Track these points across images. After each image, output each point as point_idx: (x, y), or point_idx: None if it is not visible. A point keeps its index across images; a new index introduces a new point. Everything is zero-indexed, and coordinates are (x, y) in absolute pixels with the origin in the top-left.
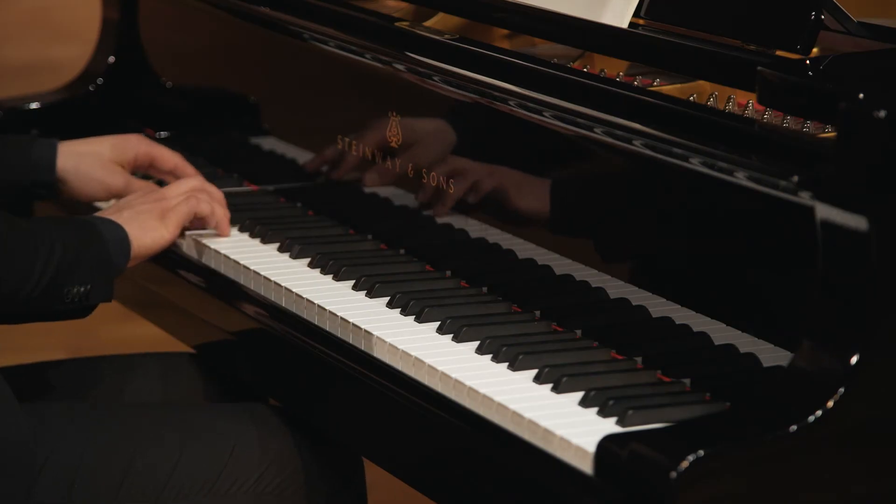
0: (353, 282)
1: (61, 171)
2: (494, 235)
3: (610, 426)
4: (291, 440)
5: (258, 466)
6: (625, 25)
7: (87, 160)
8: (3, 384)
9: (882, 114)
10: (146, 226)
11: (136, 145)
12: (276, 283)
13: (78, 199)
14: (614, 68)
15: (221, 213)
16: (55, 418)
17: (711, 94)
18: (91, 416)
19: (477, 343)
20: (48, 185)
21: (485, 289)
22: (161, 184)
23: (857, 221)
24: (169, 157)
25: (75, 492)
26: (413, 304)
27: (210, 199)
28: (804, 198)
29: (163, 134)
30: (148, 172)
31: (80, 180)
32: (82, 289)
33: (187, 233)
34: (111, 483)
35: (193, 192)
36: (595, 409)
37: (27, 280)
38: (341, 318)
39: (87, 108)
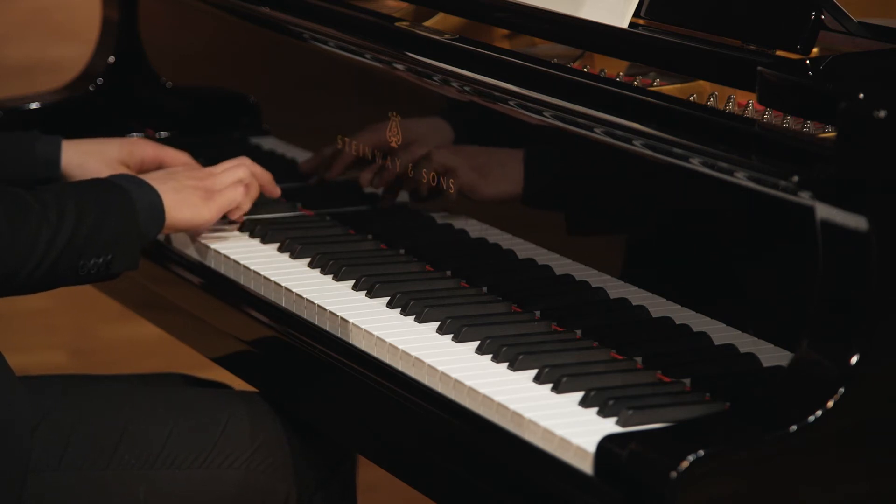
0: (353, 282)
1: (66, 167)
2: (494, 235)
3: (610, 426)
4: (281, 426)
5: (249, 445)
6: (625, 25)
7: (92, 158)
8: None
9: (882, 114)
10: (188, 201)
11: (143, 149)
12: (276, 283)
13: None
14: (614, 68)
15: (268, 178)
16: (50, 387)
17: (711, 94)
18: (86, 385)
19: (477, 343)
20: (53, 182)
21: (485, 289)
22: None
23: (857, 221)
24: (177, 157)
25: (68, 456)
26: (413, 304)
27: (253, 179)
28: (804, 198)
29: (163, 134)
30: None
31: (84, 175)
32: (101, 260)
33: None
34: (104, 449)
35: (241, 181)
36: (595, 409)
37: (27, 260)
38: (341, 318)
39: (87, 108)
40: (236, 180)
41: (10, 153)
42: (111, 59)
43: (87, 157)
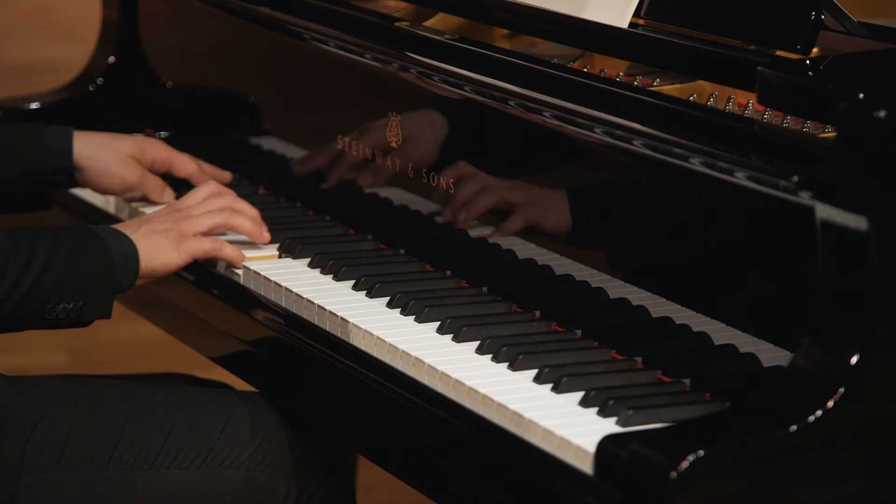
0: (353, 282)
1: (78, 157)
2: (494, 235)
3: (610, 426)
4: (280, 426)
5: (249, 445)
6: (625, 25)
7: (104, 151)
8: None
9: (882, 114)
10: (158, 247)
11: (155, 149)
12: (276, 282)
13: (93, 190)
14: (614, 68)
15: (248, 228)
16: (47, 387)
17: (711, 94)
18: (85, 384)
19: (477, 343)
20: (66, 172)
21: (485, 289)
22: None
23: (857, 221)
24: (186, 164)
25: (66, 456)
26: (413, 304)
27: (236, 220)
28: (804, 198)
29: (163, 134)
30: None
31: (96, 170)
32: (70, 305)
33: None
34: (103, 448)
35: (218, 226)
36: (595, 409)
37: None
38: (341, 318)
39: (87, 108)
40: (213, 225)
41: (22, 144)
42: (111, 59)
43: (99, 150)
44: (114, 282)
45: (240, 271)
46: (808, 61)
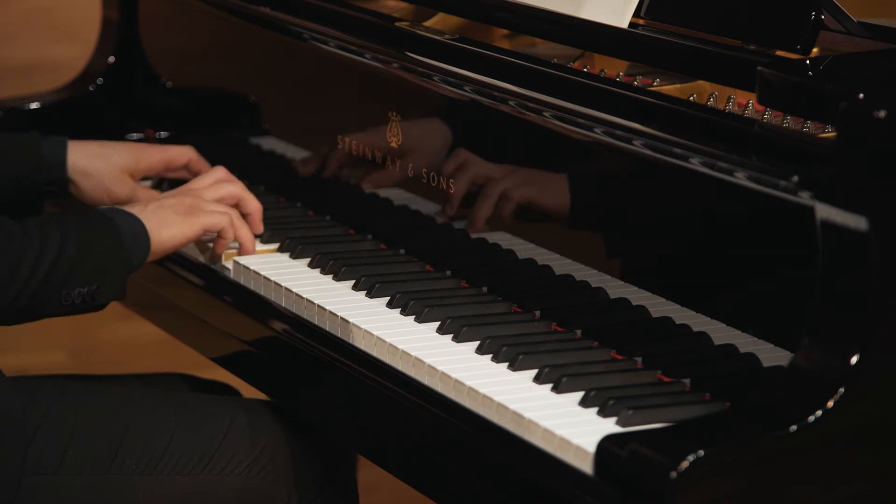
0: (353, 282)
1: (71, 170)
2: (494, 235)
3: (610, 426)
4: (282, 432)
5: (250, 452)
6: (625, 25)
7: (97, 164)
8: None
9: (882, 114)
10: (167, 220)
11: (150, 155)
12: (276, 283)
13: (82, 202)
14: (614, 68)
15: (247, 236)
16: (48, 388)
17: (711, 94)
18: (86, 387)
19: (477, 343)
20: (59, 184)
21: (485, 289)
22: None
23: (857, 221)
24: (182, 153)
25: (68, 459)
26: (413, 304)
27: (241, 221)
28: (804, 198)
29: (163, 134)
30: (164, 175)
31: (87, 183)
32: (86, 289)
33: None
34: (105, 451)
35: (227, 198)
36: (595, 409)
37: (9, 286)
38: (341, 318)
39: (87, 108)
40: (223, 196)
41: (16, 153)
42: (111, 59)
43: (93, 161)
44: (126, 261)
45: (239, 270)
46: (808, 61)
